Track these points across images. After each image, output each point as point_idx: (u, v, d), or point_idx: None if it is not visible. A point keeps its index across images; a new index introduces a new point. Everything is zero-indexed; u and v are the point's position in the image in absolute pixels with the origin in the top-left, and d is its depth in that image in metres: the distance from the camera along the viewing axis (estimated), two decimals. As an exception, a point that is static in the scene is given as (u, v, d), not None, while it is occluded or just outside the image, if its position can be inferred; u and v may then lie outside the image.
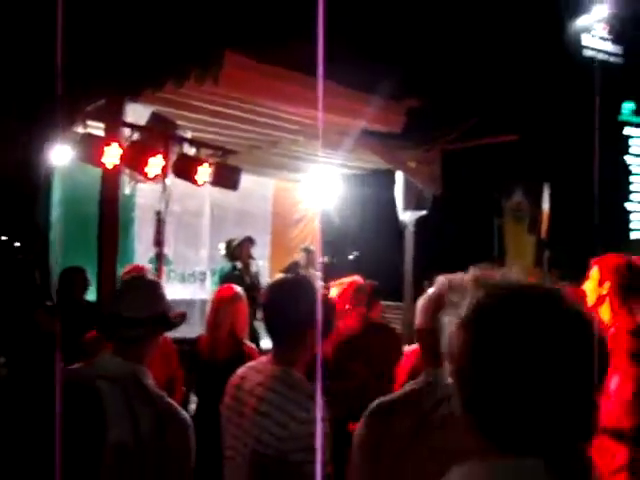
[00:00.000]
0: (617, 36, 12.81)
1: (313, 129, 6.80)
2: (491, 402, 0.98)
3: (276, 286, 2.29)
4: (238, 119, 6.71)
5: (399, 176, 8.05)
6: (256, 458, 2.05)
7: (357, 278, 4.69)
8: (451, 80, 7.80)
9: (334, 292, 4.40)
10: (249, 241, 7.47)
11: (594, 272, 3.12)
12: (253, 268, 7.42)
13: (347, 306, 4.39)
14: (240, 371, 2.30)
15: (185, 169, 5.84)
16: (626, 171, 14.20)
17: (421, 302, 1.93)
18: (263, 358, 2.28)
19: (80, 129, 5.68)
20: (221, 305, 3.92)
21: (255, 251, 7.84)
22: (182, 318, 2.29)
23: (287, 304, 2.19)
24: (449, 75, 7.81)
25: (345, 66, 5.73)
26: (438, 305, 1.83)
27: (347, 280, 4.63)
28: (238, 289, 3.98)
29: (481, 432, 1.00)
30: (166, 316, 2.18)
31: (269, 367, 2.19)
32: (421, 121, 7.23)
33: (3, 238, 9.21)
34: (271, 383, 2.12)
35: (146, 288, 2.19)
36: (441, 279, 1.93)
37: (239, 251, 7.34)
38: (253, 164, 8.32)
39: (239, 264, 7.35)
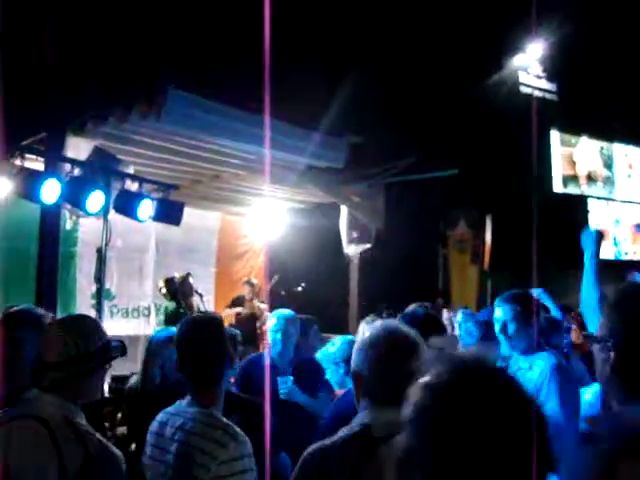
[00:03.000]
0: (551, 74, 13.38)
1: (256, 164, 6.86)
2: None
3: (187, 329, 2.29)
4: (181, 154, 6.72)
5: (343, 210, 8.15)
6: None
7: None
8: (393, 116, 7.98)
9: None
10: (189, 276, 7.36)
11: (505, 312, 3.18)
12: (196, 304, 7.31)
13: None
14: (159, 417, 2.29)
15: (126, 205, 5.79)
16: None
17: (358, 345, 1.96)
18: (182, 401, 2.27)
19: (17, 162, 5.57)
20: (152, 347, 3.88)
21: (199, 285, 7.75)
22: (117, 351, 2.24)
23: (201, 344, 2.22)
24: (391, 111, 8.00)
25: (288, 103, 5.82)
26: (374, 350, 1.87)
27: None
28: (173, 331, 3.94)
29: None
30: (100, 352, 2.10)
31: (188, 410, 2.19)
32: (364, 156, 7.36)
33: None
34: (191, 426, 2.13)
35: (70, 327, 2.12)
36: (377, 323, 1.97)
37: (181, 290, 7.21)
38: (197, 198, 8.30)
39: (183, 303, 7.21)
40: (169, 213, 6.17)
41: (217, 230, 9.84)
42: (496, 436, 0.95)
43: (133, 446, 4.57)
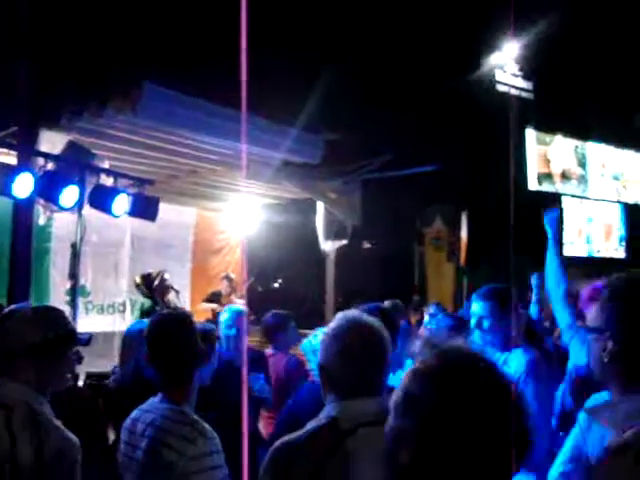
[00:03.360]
0: (528, 72, 13.50)
1: (233, 159, 6.84)
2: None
3: (155, 326, 2.29)
4: (157, 149, 6.68)
5: (320, 206, 8.17)
6: None
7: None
8: (370, 112, 8.01)
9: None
10: (163, 273, 7.33)
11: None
12: (172, 300, 7.28)
13: None
14: (133, 414, 2.28)
15: (101, 200, 5.74)
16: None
17: (322, 338, 1.95)
18: (154, 398, 2.27)
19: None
20: (127, 340, 3.87)
21: (175, 281, 7.73)
22: (83, 341, 2.26)
23: (171, 340, 2.22)
24: (367, 108, 8.02)
25: (264, 99, 5.82)
26: (338, 342, 1.87)
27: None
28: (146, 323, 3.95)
29: None
30: (63, 340, 2.13)
31: (159, 407, 2.19)
32: (341, 153, 7.38)
33: None
34: (160, 422, 2.13)
35: (33, 316, 2.15)
36: (340, 315, 1.96)
37: (159, 286, 7.18)
38: (173, 193, 8.26)
39: (159, 300, 7.18)
40: (144, 208, 6.12)
41: (193, 226, 9.81)
42: (477, 418, 1.05)
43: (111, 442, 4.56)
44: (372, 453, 1.70)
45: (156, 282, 7.25)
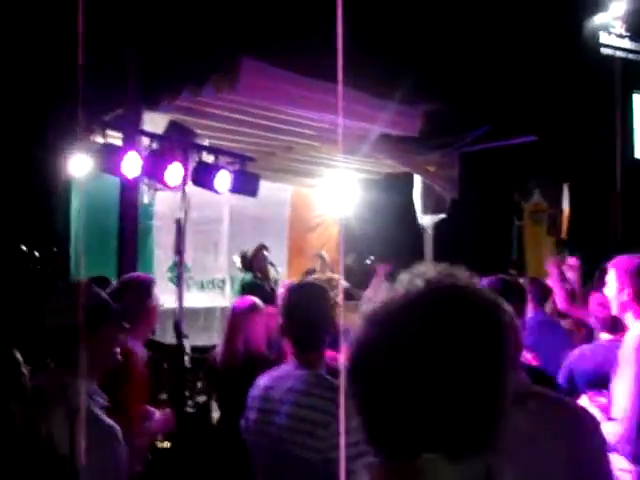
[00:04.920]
0: (635, 32, 12.69)
1: (330, 134, 6.79)
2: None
3: (295, 291, 2.35)
4: (255, 125, 6.71)
5: (417, 180, 8.01)
6: (299, 463, 2.08)
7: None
8: (468, 83, 7.75)
9: None
10: (263, 248, 7.42)
11: (612, 277, 2.97)
12: (272, 275, 7.37)
13: None
14: (263, 381, 2.32)
15: (204, 177, 5.82)
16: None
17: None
18: (286, 365, 2.31)
19: (99, 139, 5.69)
20: (236, 317, 3.93)
21: (273, 257, 7.81)
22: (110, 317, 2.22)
23: (308, 308, 2.25)
24: (466, 78, 7.77)
25: (362, 71, 5.71)
26: None
27: None
28: (255, 300, 3.99)
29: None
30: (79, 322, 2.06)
31: (296, 372, 2.22)
32: (439, 125, 7.20)
33: (23, 248, 9.28)
34: (304, 387, 2.16)
35: (51, 299, 2.16)
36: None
37: (256, 261, 7.29)
38: (270, 170, 8.31)
39: (259, 273, 7.30)
40: (246, 185, 6.16)
41: (289, 202, 9.86)
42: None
43: (215, 415, 4.67)
44: None
45: (252, 257, 7.36)
